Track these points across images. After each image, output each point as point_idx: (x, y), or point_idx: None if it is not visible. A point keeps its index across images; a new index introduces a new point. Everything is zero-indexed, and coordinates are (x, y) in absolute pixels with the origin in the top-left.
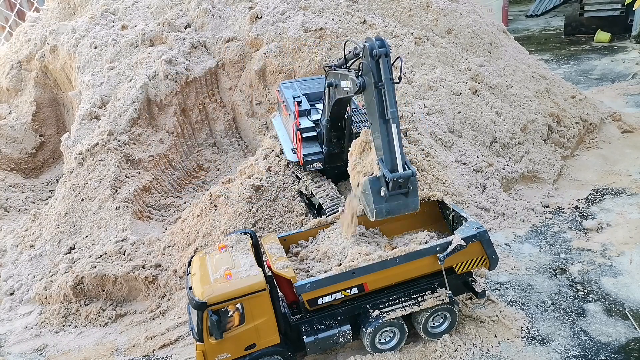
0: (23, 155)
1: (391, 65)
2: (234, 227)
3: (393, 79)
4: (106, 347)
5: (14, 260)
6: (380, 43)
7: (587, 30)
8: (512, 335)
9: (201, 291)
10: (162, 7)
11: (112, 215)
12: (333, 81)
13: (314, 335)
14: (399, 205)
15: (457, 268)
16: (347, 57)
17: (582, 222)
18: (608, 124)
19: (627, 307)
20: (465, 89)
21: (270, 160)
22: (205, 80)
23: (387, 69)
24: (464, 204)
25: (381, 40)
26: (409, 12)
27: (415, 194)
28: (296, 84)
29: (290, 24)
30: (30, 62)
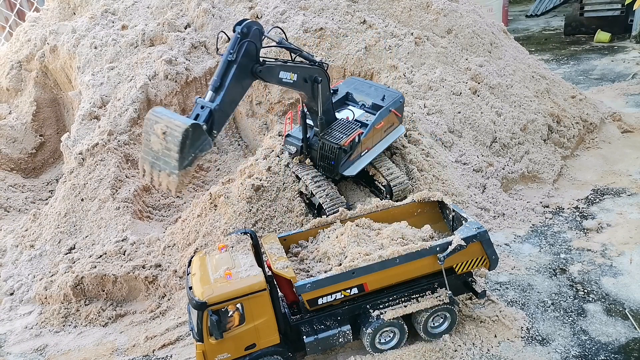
0: (23, 155)
1: (237, 44)
2: (234, 227)
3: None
4: (106, 347)
5: (14, 260)
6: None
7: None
8: (512, 335)
9: (201, 291)
10: (162, 7)
11: (112, 215)
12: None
13: (314, 335)
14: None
15: (457, 268)
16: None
17: (582, 222)
18: (608, 124)
19: (627, 307)
20: (465, 89)
21: (270, 160)
22: (205, 80)
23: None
24: (464, 204)
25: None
26: (409, 12)
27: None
28: (360, 83)
29: (290, 24)
30: (30, 62)
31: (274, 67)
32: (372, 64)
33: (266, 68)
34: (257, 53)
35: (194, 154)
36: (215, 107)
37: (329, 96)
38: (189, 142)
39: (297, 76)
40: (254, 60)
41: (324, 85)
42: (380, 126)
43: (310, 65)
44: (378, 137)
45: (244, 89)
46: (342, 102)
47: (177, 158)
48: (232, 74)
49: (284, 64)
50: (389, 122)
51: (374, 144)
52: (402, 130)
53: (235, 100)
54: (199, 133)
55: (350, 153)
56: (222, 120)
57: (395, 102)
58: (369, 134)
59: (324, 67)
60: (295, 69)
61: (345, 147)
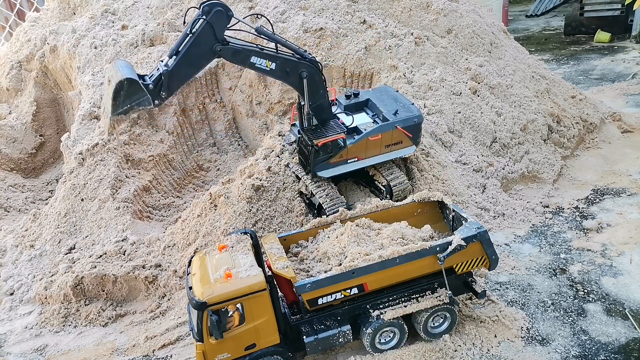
0: (23, 155)
1: (195, 20)
2: (234, 227)
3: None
4: (106, 347)
5: (14, 260)
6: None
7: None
8: (512, 335)
9: (201, 291)
10: (162, 7)
11: (112, 215)
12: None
13: (314, 335)
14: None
15: (457, 268)
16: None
17: (582, 222)
18: (608, 124)
19: (627, 307)
20: (465, 89)
21: (270, 160)
22: (205, 80)
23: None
24: (464, 204)
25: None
26: (409, 12)
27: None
28: (388, 94)
29: (290, 24)
30: (30, 62)
31: (241, 50)
32: (372, 64)
33: (228, 49)
34: (214, 32)
35: (129, 105)
36: (164, 71)
37: (322, 94)
38: (123, 93)
39: (277, 65)
40: (212, 38)
41: (313, 81)
42: (377, 139)
43: (297, 59)
44: (375, 150)
45: (200, 63)
46: (359, 107)
47: (110, 104)
48: (187, 45)
49: (259, 50)
50: (392, 138)
51: (367, 155)
52: (409, 150)
53: (189, 70)
54: (135, 88)
55: (329, 155)
56: (172, 84)
57: (406, 120)
58: (360, 143)
59: (317, 65)
60: (274, 57)
61: (318, 147)
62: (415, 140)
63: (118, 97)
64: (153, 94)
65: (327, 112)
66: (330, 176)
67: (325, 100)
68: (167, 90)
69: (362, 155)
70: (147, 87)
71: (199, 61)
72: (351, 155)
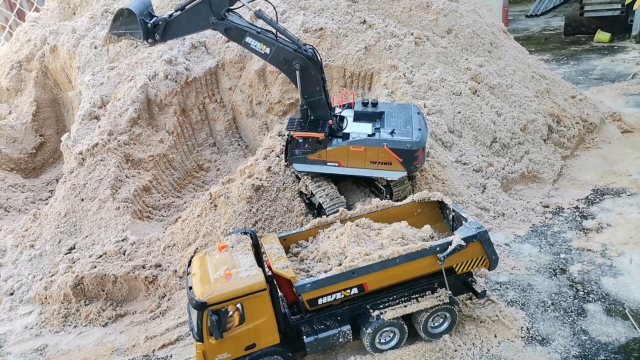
0: (23, 155)
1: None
2: (234, 227)
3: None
4: (106, 347)
5: (14, 260)
6: None
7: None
8: (512, 335)
9: (201, 291)
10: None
11: (112, 215)
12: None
13: (314, 335)
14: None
15: (457, 268)
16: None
17: (582, 222)
18: (608, 124)
19: (627, 307)
20: (465, 89)
21: (270, 160)
22: (205, 80)
23: None
24: (464, 204)
25: None
26: (409, 12)
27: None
28: (405, 114)
29: (290, 24)
30: (30, 62)
31: (234, 28)
32: (372, 64)
33: (222, 24)
34: (211, 8)
35: (124, 30)
36: (163, 19)
37: (319, 91)
38: (121, 19)
39: (272, 51)
40: (208, 12)
41: (308, 76)
42: (359, 151)
43: (293, 50)
44: (358, 162)
45: (195, 27)
46: (371, 117)
47: (111, 23)
48: (189, 9)
49: (255, 32)
50: (377, 155)
51: (349, 164)
52: (395, 175)
53: (184, 29)
54: (132, 19)
55: (307, 150)
56: (167, 33)
57: (397, 142)
58: (340, 149)
59: (314, 60)
60: (269, 43)
61: (293, 138)
62: (408, 166)
63: (117, 20)
64: (147, 32)
65: (323, 110)
66: (301, 170)
67: (321, 98)
68: (162, 36)
69: (344, 162)
70: (146, 24)
71: (195, 25)
72: (331, 159)
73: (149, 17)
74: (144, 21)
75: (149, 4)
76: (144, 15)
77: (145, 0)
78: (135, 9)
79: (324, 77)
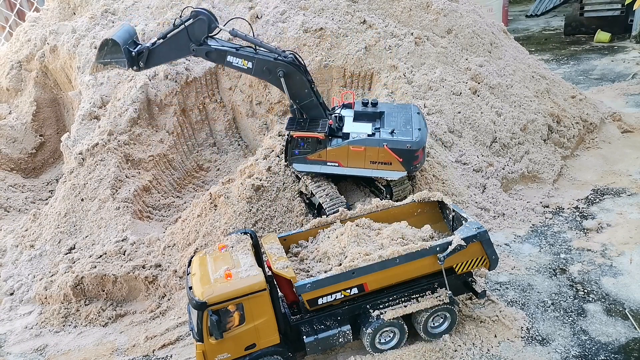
0: (23, 155)
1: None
2: (234, 227)
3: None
4: (106, 347)
5: (14, 260)
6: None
7: (587, 30)
8: (512, 335)
9: (201, 291)
10: (162, 7)
11: (112, 215)
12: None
13: (314, 335)
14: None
15: (457, 268)
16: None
17: (582, 222)
18: (608, 124)
19: (627, 307)
20: (465, 89)
21: (270, 160)
22: (205, 80)
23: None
24: (464, 204)
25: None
26: (409, 12)
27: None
28: (406, 114)
29: (290, 24)
30: (30, 62)
31: (214, 51)
32: (372, 64)
33: (201, 49)
34: (189, 37)
35: (109, 60)
36: (147, 47)
37: (308, 94)
38: (107, 49)
39: (254, 64)
40: (187, 40)
41: (293, 81)
42: (359, 151)
43: (274, 59)
44: (358, 162)
45: (176, 54)
46: (371, 117)
47: (97, 53)
48: (170, 37)
49: (235, 50)
50: (378, 155)
51: (349, 164)
52: (395, 175)
53: (166, 56)
54: (116, 49)
55: (307, 150)
56: (150, 60)
57: (397, 142)
58: (340, 149)
59: (296, 65)
60: (250, 57)
61: (293, 138)
62: (408, 166)
63: (102, 50)
64: (132, 60)
65: (317, 111)
66: (300, 170)
67: (312, 99)
68: (145, 63)
69: (344, 162)
70: (130, 53)
71: (176, 53)
72: (331, 159)
73: (133, 46)
74: (128, 50)
75: (133, 33)
76: (128, 44)
77: (129, 30)
78: (119, 39)
79: (310, 78)
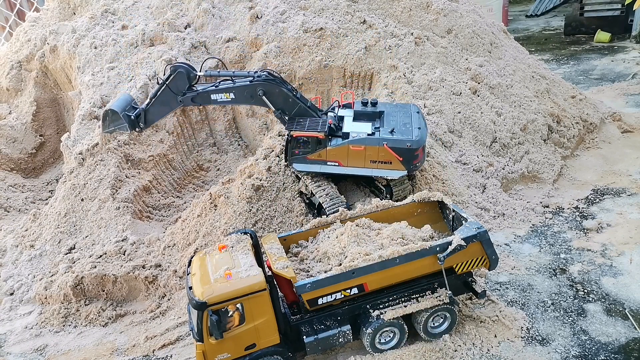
0: (23, 155)
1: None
2: (234, 227)
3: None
4: (106, 347)
5: (14, 260)
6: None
7: (587, 30)
8: (512, 335)
9: (201, 291)
10: (162, 7)
11: (112, 215)
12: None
13: (314, 335)
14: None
15: (457, 268)
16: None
17: (582, 222)
18: (608, 124)
19: (627, 307)
20: (465, 89)
21: (270, 160)
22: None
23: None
24: (464, 204)
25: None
26: (409, 12)
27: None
28: (405, 112)
29: (290, 24)
30: (30, 62)
31: (198, 94)
32: (372, 64)
33: (187, 98)
34: (172, 92)
35: (113, 128)
36: (141, 109)
37: (293, 102)
38: (108, 119)
39: (235, 94)
40: (171, 95)
41: (273, 95)
42: (359, 150)
43: (250, 82)
44: (358, 161)
45: (167, 109)
46: (370, 116)
47: (101, 124)
48: (157, 95)
49: (214, 88)
50: (378, 154)
51: (349, 163)
52: (395, 174)
53: (160, 112)
54: (116, 117)
55: (306, 150)
56: (148, 119)
57: (397, 141)
58: (340, 148)
59: (271, 80)
60: (229, 89)
61: (293, 138)
62: (408, 165)
63: (105, 121)
64: (132, 123)
65: (309, 114)
66: (300, 170)
67: (299, 106)
68: (145, 123)
69: (344, 162)
70: (129, 118)
71: (167, 108)
72: (331, 158)
73: (132, 110)
74: (127, 115)
75: (131, 100)
76: (127, 110)
77: (126, 98)
78: (116, 108)
79: (290, 87)
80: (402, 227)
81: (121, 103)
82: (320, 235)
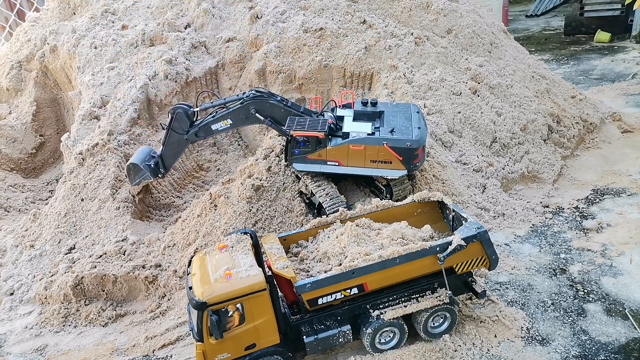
0: (23, 155)
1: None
2: (234, 227)
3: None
4: (106, 347)
5: (14, 260)
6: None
7: (587, 30)
8: (512, 335)
9: (201, 291)
10: (162, 7)
11: (112, 215)
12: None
13: (314, 335)
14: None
15: (457, 268)
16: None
17: (582, 222)
18: (608, 124)
19: (627, 307)
20: (465, 89)
21: (270, 160)
22: (205, 80)
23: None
24: (464, 204)
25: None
26: (409, 12)
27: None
28: (405, 112)
29: (290, 24)
30: (30, 62)
31: (200, 129)
32: (372, 64)
33: (192, 135)
34: (177, 132)
35: (138, 179)
36: (158, 156)
37: (285, 112)
38: (132, 172)
39: (232, 119)
40: (178, 136)
41: (265, 109)
42: (359, 149)
43: (241, 104)
44: (358, 161)
45: (179, 149)
46: (370, 116)
47: (128, 178)
48: (166, 140)
49: (212, 118)
50: (378, 154)
51: (349, 163)
52: (396, 173)
53: (175, 154)
54: (137, 169)
55: (306, 150)
56: (166, 163)
57: (397, 140)
58: (340, 148)
59: (259, 94)
60: (225, 115)
61: (293, 138)
62: (408, 164)
63: (130, 175)
64: (154, 171)
65: (302, 113)
66: (300, 170)
67: (292, 113)
68: (164, 168)
69: (344, 162)
70: (150, 167)
71: (178, 150)
72: (331, 158)
73: (151, 160)
74: (148, 165)
75: (149, 150)
76: (146, 160)
77: (144, 150)
78: (136, 161)
79: (279, 97)
80: (402, 227)
81: (140, 155)
82: (320, 235)
